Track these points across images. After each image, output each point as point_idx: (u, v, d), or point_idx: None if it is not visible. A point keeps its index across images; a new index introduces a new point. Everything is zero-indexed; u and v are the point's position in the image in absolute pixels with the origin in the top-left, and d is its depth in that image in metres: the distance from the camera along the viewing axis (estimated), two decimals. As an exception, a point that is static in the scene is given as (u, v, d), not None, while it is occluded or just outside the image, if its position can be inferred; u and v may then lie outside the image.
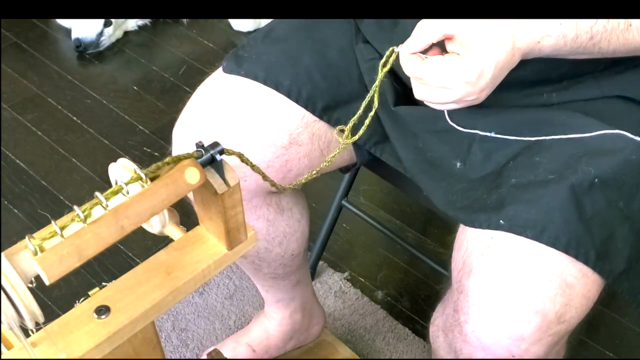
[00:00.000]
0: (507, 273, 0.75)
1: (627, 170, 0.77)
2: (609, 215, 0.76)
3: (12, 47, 2.14)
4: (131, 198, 0.56)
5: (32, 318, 0.54)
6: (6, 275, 0.52)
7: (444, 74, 0.73)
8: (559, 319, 0.75)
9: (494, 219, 0.77)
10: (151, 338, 0.67)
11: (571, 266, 0.75)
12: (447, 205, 0.84)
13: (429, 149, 0.89)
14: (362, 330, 1.41)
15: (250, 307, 1.44)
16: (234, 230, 0.65)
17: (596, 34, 0.76)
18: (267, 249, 1.05)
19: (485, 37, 0.72)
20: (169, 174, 0.58)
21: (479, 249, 0.77)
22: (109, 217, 0.55)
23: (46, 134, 1.84)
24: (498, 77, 0.74)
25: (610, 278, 0.77)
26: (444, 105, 0.77)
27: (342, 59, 0.95)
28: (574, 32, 0.75)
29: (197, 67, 2.05)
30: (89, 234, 0.54)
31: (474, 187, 0.83)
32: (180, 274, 0.64)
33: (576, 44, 0.76)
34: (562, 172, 0.77)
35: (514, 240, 0.75)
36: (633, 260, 0.78)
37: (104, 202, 0.55)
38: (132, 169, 0.58)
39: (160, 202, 0.57)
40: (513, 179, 0.79)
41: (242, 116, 0.91)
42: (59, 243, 0.53)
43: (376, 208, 1.64)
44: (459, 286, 0.79)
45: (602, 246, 0.75)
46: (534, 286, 0.74)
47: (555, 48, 0.76)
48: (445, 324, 0.83)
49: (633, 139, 0.79)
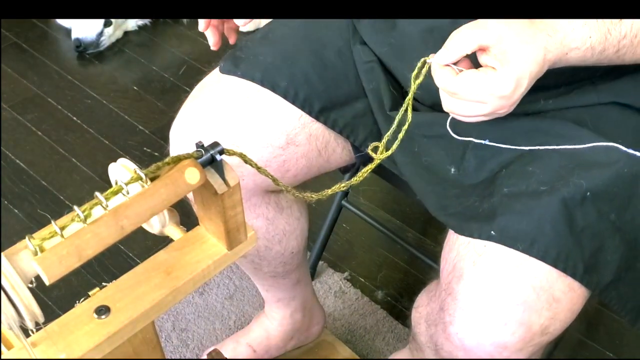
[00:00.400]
0: (496, 283, 0.75)
1: (619, 183, 0.78)
2: (599, 227, 0.77)
3: (12, 47, 2.14)
4: (131, 198, 0.56)
5: (32, 318, 0.54)
6: (6, 276, 0.52)
7: (480, 89, 0.71)
8: (543, 331, 0.76)
9: (485, 228, 0.77)
10: (151, 338, 0.67)
11: (560, 281, 0.75)
12: (439, 210, 0.85)
13: (424, 153, 0.89)
14: (362, 330, 1.41)
15: (250, 307, 1.44)
16: (234, 231, 0.65)
17: (622, 47, 0.75)
18: (267, 248, 1.05)
19: (521, 51, 0.71)
20: (169, 174, 0.58)
21: (471, 255, 0.78)
22: (108, 217, 0.55)
23: (46, 134, 1.84)
24: (528, 88, 0.73)
25: (597, 290, 0.77)
26: (474, 119, 0.75)
27: (339, 60, 0.95)
28: (602, 46, 0.74)
29: (197, 67, 2.05)
30: (89, 234, 0.54)
31: (467, 193, 0.83)
32: (180, 274, 0.64)
33: (602, 56, 0.76)
34: (554, 183, 0.77)
35: (504, 252, 0.76)
36: (622, 270, 0.79)
37: (104, 202, 0.55)
38: (132, 169, 0.58)
39: (160, 202, 0.57)
40: (505, 188, 0.80)
41: (238, 116, 0.91)
42: (59, 243, 0.53)
43: (376, 208, 1.64)
44: (447, 288, 0.80)
45: (591, 259, 0.76)
46: (522, 298, 0.75)
47: (582, 60, 0.75)
48: (429, 317, 0.84)
49: (626, 152, 0.79)
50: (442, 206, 0.84)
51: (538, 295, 0.75)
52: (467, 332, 0.77)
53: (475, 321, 0.76)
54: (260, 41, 0.97)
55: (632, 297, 0.80)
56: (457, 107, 0.74)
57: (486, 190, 0.82)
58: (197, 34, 2.17)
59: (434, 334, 0.82)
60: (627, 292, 0.80)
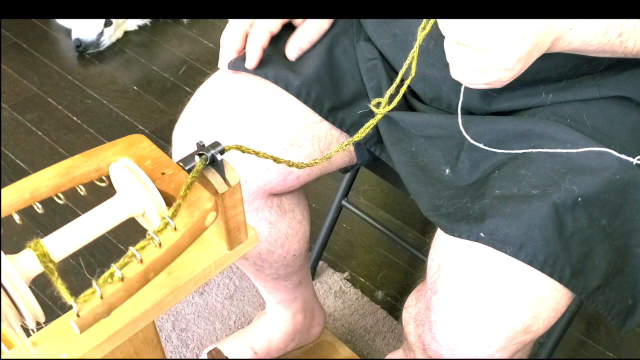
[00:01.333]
0: (481, 283, 0.76)
1: (610, 189, 0.78)
2: (589, 233, 0.77)
3: (12, 47, 2.14)
4: (164, 252, 0.56)
5: (33, 317, 0.54)
6: (7, 275, 0.52)
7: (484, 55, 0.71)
8: (526, 330, 0.77)
9: (474, 230, 0.77)
10: (152, 338, 0.67)
11: (543, 280, 0.76)
12: (431, 210, 0.85)
13: (421, 153, 0.89)
14: (362, 330, 1.41)
15: (250, 307, 1.44)
16: (235, 230, 0.65)
17: (625, 30, 0.75)
18: (269, 251, 1.05)
19: (522, 23, 0.71)
20: (195, 223, 0.58)
21: (457, 255, 0.78)
22: (141, 275, 0.56)
23: (46, 134, 1.84)
24: (533, 52, 0.73)
25: (583, 294, 0.78)
26: (477, 73, 0.74)
27: (345, 59, 0.95)
28: (605, 25, 0.75)
29: (197, 67, 2.05)
30: (122, 292, 0.55)
31: (459, 194, 0.84)
32: (181, 274, 0.64)
33: (605, 38, 0.76)
34: (546, 188, 0.77)
35: (491, 254, 0.76)
36: (610, 275, 0.79)
37: (138, 256, 0.56)
38: (161, 217, 0.58)
39: (184, 249, 0.58)
40: (497, 190, 0.80)
41: (241, 117, 0.91)
42: (97, 306, 0.53)
43: (376, 208, 1.64)
44: (433, 287, 0.80)
45: (579, 264, 0.76)
46: (506, 298, 0.75)
47: (585, 39, 0.75)
48: (417, 317, 0.84)
49: (618, 158, 0.79)
50: (435, 207, 0.85)
51: (522, 295, 0.75)
52: (451, 331, 0.77)
53: (459, 320, 0.76)
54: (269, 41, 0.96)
55: (618, 301, 0.81)
56: (463, 74, 0.74)
57: (478, 191, 0.82)
58: (197, 34, 2.18)
59: (421, 334, 0.82)
60: (613, 297, 0.80)
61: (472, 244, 0.77)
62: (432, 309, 0.79)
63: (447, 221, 0.81)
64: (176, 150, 0.95)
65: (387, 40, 0.93)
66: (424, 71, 0.89)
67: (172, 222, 0.56)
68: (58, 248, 0.55)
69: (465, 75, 0.75)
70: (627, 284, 0.81)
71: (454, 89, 0.87)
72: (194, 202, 0.58)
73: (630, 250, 0.80)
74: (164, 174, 0.60)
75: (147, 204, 0.58)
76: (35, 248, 0.54)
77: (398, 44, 0.91)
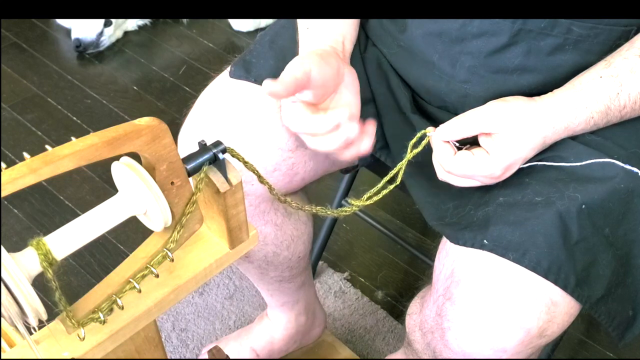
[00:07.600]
0: (495, 288, 0.76)
1: (614, 198, 0.78)
2: (594, 241, 0.77)
3: (12, 47, 2.14)
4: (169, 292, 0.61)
5: (36, 315, 0.54)
6: (9, 273, 0.52)
7: (472, 170, 0.77)
8: (541, 334, 0.76)
9: (478, 237, 0.77)
10: (153, 337, 0.67)
11: (556, 287, 0.76)
12: (436, 220, 0.85)
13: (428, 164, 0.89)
14: (362, 330, 1.41)
15: (250, 307, 1.44)
16: (236, 229, 0.65)
17: (625, 115, 0.80)
18: (275, 253, 1.05)
19: (520, 141, 0.77)
20: None
21: (470, 261, 0.78)
22: (142, 306, 0.59)
23: (46, 134, 1.84)
24: (518, 166, 0.79)
25: (587, 304, 0.77)
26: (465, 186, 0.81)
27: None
28: (604, 120, 0.80)
29: (197, 67, 2.05)
30: (125, 322, 0.58)
31: (463, 203, 0.84)
32: (182, 273, 0.64)
33: (607, 124, 0.81)
34: (550, 195, 0.77)
35: (498, 260, 0.76)
36: (613, 286, 0.79)
37: (137, 286, 0.60)
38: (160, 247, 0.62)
39: None
40: (501, 197, 0.80)
41: (248, 120, 0.91)
42: (99, 331, 0.57)
43: (376, 208, 1.64)
44: (446, 293, 0.80)
45: (584, 272, 0.76)
46: (521, 303, 0.75)
47: (585, 128, 0.80)
48: (424, 324, 0.84)
49: (623, 167, 0.79)
50: (439, 217, 0.85)
51: (536, 299, 0.75)
52: (466, 338, 0.77)
53: (475, 326, 0.76)
54: (270, 47, 0.96)
55: (619, 312, 0.80)
56: (450, 179, 0.80)
57: (482, 199, 0.82)
58: (197, 34, 2.18)
59: (431, 342, 0.82)
60: (615, 308, 0.80)
61: (484, 253, 0.77)
62: (444, 315, 0.79)
63: (452, 230, 0.81)
64: (182, 153, 0.95)
65: (393, 50, 0.93)
66: (430, 84, 0.89)
67: (169, 254, 0.60)
68: (60, 247, 0.55)
69: (450, 178, 0.80)
70: (628, 295, 0.81)
71: (459, 100, 0.88)
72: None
73: (631, 260, 0.80)
74: (173, 183, 0.60)
75: (149, 204, 0.58)
76: (38, 247, 0.54)
77: (404, 56, 0.91)
